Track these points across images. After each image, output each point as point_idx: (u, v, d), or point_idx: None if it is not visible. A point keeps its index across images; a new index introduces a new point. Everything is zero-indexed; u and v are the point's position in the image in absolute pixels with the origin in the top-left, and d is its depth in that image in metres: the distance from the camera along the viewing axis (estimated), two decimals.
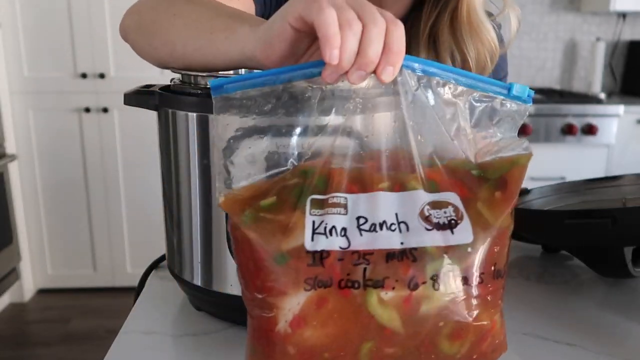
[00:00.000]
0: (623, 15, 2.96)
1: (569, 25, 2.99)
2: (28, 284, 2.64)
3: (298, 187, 0.43)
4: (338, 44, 0.40)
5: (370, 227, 0.43)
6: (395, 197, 0.44)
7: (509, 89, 0.47)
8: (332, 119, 0.44)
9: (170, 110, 0.58)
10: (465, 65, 0.82)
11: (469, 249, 0.44)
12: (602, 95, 2.65)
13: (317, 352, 0.43)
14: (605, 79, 3.00)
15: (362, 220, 0.43)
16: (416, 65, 0.44)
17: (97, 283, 2.69)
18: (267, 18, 0.79)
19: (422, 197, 0.44)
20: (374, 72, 0.42)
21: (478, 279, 0.44)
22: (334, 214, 0.42)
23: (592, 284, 0.75)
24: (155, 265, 0.76)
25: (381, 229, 0.43)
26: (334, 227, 0.42)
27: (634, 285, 0.74)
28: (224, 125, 0.44)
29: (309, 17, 0.41)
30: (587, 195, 0.87)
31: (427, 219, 0.43)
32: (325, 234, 0.42)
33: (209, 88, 0.55)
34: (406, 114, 0.44)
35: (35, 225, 2.62)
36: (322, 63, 0.41)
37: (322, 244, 0.42)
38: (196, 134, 0.56)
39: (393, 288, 0.42)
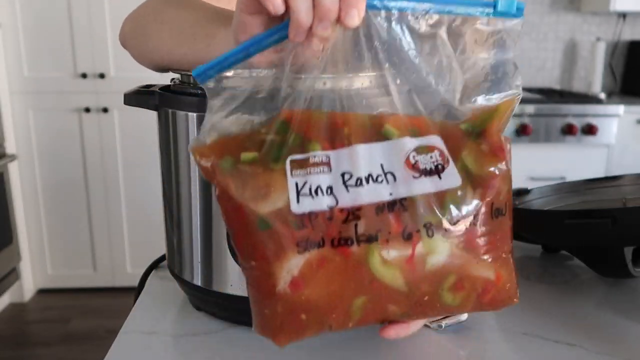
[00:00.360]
0: (623, 15, 2.96)
1: (569, 25, 2.99)
2: (28, 284, 2.64)
3: (276, 144, 0.42)
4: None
5: (357, 181, 0.41)
6: (379, 147, 0.42)
7: (494, 6, 0.43)
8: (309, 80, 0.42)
9: (170, 110, 0.58)
10: None
11: (459, 192, 0.43)
12: (602, 95, 2.65)
13: (321, 311, 0.42)
14: (606, 79, 3.00)
15: (347, 176, 0.41)
16: (381, 2, 0.41)
17: (97, 283, 2.69)
18: None
19: (407, 144, 0.42)
20: (338, 20, 0.39)
21: (474, 220, 0.43)
22: (317, 173, 0.41)
23: (592, 284, 0.75)
24: (155, 265, 0.76)
25: (367, 182, 0.41)
26: (319, 186, 0.41)
27: (634, 285, 0.74)
28: (215, 105, 0.43)
29: None
30: (587, 195, 0.87)
31: (413, 166, 0.42)
32: (310, 194, 0.41)
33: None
34: (382, 59, 0.42)
35: (35, 225, 2.62)
36: (286, 24, 0.40)
37: (309, 205, 0.41)
38: (196, 134, 0.56)
39: (387, 241, 0.41)
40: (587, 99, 2.62)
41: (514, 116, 2.44)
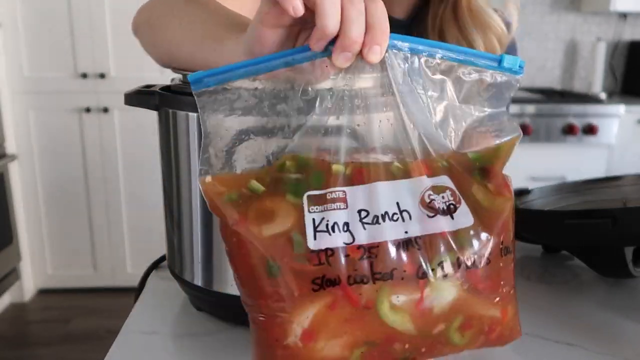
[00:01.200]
0: (624, 16, 2.96)
1: (570, 25, 2.99)
2: (28, 284, 2.64)
3: (290, 182, 0.42)
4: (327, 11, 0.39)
5: (373, 219, 0.42)
6: (395, 185, 0.43)
7: (500, 61, 0.45)
8: (319, 114, 0.43)
9: (170, 111, 0.58)
10: None
11: (472, 232, 0.43)
12: (603, 95, 2.65)
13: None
14: (606, 79, 3.00)
15: (363, 214, 0.42)
16: (401, 43, 0.43)
17: (98, 283, 2.69)
18: None
19: (423, 183, 0.43)
20: (360, 53, 0.40)
21: (486, 260, 0.44)
22: (334, 209, 0.41)
23: (592, 284, 0.75)
24: (155, 266, 0.76)
25: (384, 220, 0.42)
26: (335, 223, 0.41)
27: (634, 286, 0.74)
28: (212, 125, 0.43)
29: (280, 7, 0.40)
30: (588, 195, 0.87)
31: (428, 205, 0.43)
32: (327, 230, 0.41)
33: None
34: (398, 98, 0.43)
35: (35, 225, 2.62)
36: (304, 49, 0.41)
37: (326, 241, 0.41)
38: (197, 134, 0.56)
39: (402, 279, 0.41)
40: (588, 99, 2.62)
41: (514, 116, 2.44)
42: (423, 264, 0.42)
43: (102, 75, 2.47)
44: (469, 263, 0.43)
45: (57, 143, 2.54)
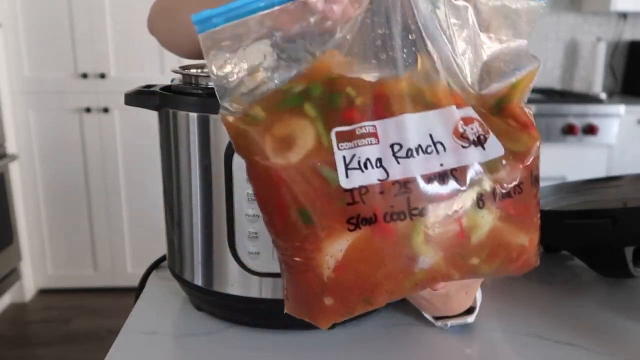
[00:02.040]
0: (624, 16, 2.96)
1: (570, 25, 2.99)
2: (29, 284, 2.64)
3: (310, 95, 0.40)
4: None
5: (407, 152, 0.40)
6: (426, 116, 0.41)
7: None
8: (337, 44, 0.41)
9: (171, 111, 0.58)
10: None
11: (504, 162, 0.42)
12: (603, 96, 2.65)
13: (361, 293, 0.41)
14: (606, 79, 3.00)
15: (396, 147, 0.40)
16: None
17: (98, 283, 2.69)
18: None
19: (453, 113, 0.42)
20: None
21: (519, 189, 0.43)
22: (365, 145, 0.40)
23: (592, 284, 0.75)
24: (155, 266, 0.76)
25: (417, 153, 0.40)
26: (367, 159, 0.39)
27: (634, 286, 0.74)
28: (218, 66, 0.41)
29: None
30: (588, 195, 0.87)
31: (462, 136, 0.41)
32: (360, 168, 0.39)
33: (209, 88, 0.55)
34: (421, 25, 0.41)
35: (35, 225, 2.62)
36: None
37: (359, 179, 0.39)
38: (197, 134, 0.56)
39: (439, 212, 0.40)
40: (588, 99, 2.62)
41: None
42: (460, 196, 0.40)
43: (102, 75, 2.47)
44: (503, 192, 0.42)
45: (58, 143, 2.54)
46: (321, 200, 0.39)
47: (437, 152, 0.41)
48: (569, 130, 2.47)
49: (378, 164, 0.40)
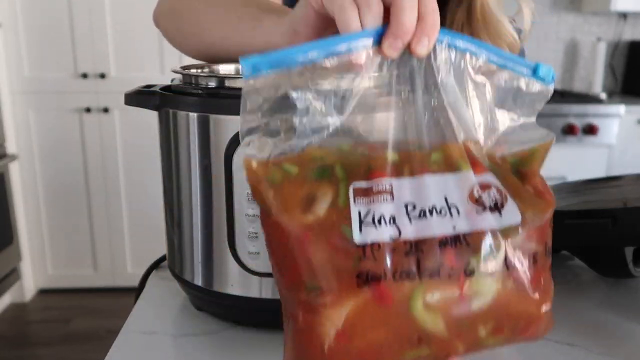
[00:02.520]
0: (624, 16, 2.96)
1: (570, 25, 2.99)
2: (29, 284, 2.64)
3: (333, 165, 0.41)
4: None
5: (420, 213, 0.40)
6: (443, 178, 0.41)
7: (535, 70, 0.45)
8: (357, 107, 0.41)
9: (171, 111, 0.58)
10: None
11: (520, 230, 0.42)
12: (603, 96, 2.65)
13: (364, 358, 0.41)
14: (606, 79, 3.00)
15: (410, 207, 0.40)
16: (449, 39, 0.42)
17: (98, 283, 2.69)
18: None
19: (471, 178, 0.42)
20: (409, 45, 0.39)
21: (532, 259, 0.43)
22: (380, 201, 0.40)
23: (592, 284, 0.75)
24: (155, 266, 0.76)
25: (431, 214, 0.40)
26: (382, 215, 0.40)
27: (634, 286, 0.74)
28: (252, 108, 0.41)
29: (329, 9, 0.39)
30: (588, 195, 0.87)
31: (477, 200, 0.41)
32: (374, 224, 0.39)
33: (209, 88, 0.55)
34: (443, 92, 0.42)
35: (35, 225, 2.62)
36: (361, 33, 0.39)
37: (372, 235, 0.39)
38: (197, 134, 0.56)
39: (448, 276, 0.40)
40: (588, 99, 2.62)
41: None
42: (470, 261, 0.40)
43: (102, 75, 2.47)
44: (516, 262, 0.42)
45: (58, 143, 2.54)
46: (334, 256, 0.40)
47: (451, 215, 0.41)
48: (569, 130, 2.47)
49: (392, 222, 0.40)
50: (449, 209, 0.41)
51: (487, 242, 0.41)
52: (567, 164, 2.52)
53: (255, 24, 0.49)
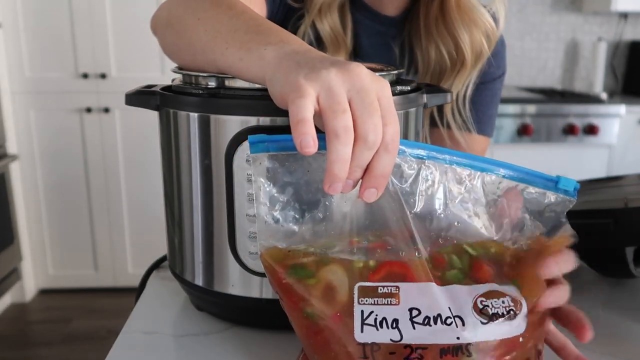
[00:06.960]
0: (624, 16, 2.96)
1: (571, 25, 2.99)
2: (29, 284, 2.64)
3: (341, 267, 0.42)
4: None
5: (424, 320, 0.41)
6: (447, 290, 0.42)
7: (557, 182, 0.46)
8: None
9: (171, 111, 0.58)
10: (458, 52, 0.81)
11: (521, 339, 0.43)
12: (604, 96, 2.65)
13: None
14: (607, 79, 3.00)
15: (414, 312, 0.41)
16: (458, 159, 0.44)
17: (99, 283, 2.69)
18: (275, 17, 0.76)
19: (478, 289, 0.42)
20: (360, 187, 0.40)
21: None
22: (385, 304, 0.41)
23: (593, 285, 0.75)
24: (156, 266, 0.76)
25: (435, 322, 0.41)
26: (384, 318, 0.40)
27: (635, 286, 0.74)
28: (259, 186, 0.44)
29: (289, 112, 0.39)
30: (589, 195, 0.87)
31: (481, 312, 0.42)
32: (375, 325, 0.40)
33: (210, 88, 0.55)
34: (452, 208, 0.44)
35: (36, 225, 2.62)
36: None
37: (373, 336, 0.40)
38: (197, 134, 0.56)
39: None
40: (589, 99, 2.62)
41: (515, 116, 2.44)
42: None
43: (103, 76, 2.47)
44: None
45: (58, 143, 2.54)
46: (339, 348, 0.41)
47: (456, 325, 0.41)
48: (570, 130, 2.46)
49: (394, 325, 0.41)
50: (454, 318, 0.41)
51: (488, 353, 0.41)
52: (567, 164, 2.52)
53: (242, 55, 0.49)
